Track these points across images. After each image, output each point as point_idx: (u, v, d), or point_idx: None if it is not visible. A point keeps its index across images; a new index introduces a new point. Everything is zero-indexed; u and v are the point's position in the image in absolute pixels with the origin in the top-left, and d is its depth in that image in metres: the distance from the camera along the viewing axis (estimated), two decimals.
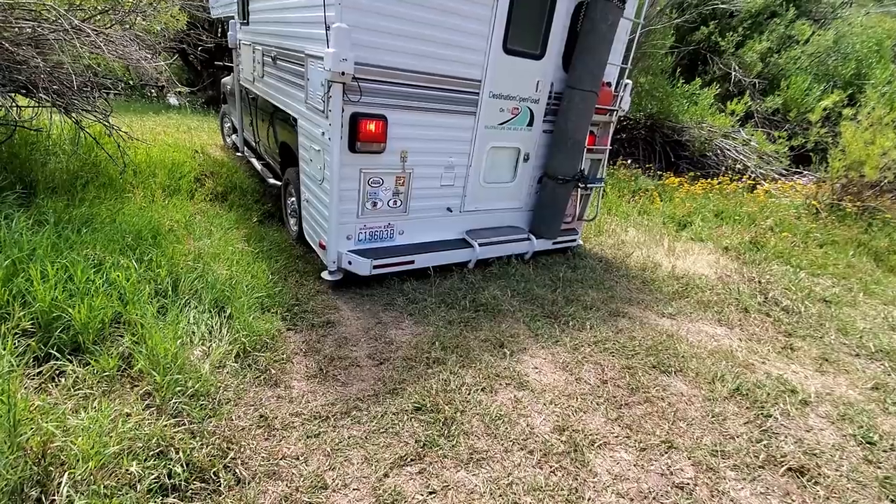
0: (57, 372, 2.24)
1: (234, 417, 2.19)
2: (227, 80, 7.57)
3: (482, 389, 2.59)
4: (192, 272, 3.08)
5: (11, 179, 4.43)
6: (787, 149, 8.66)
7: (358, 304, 3.47)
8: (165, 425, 1.97)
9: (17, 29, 3.38)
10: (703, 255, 5.14)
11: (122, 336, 2.45)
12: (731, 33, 9.85)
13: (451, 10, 3.15)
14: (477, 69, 3.47)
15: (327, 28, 2.79)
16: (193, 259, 3.26)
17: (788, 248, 5.46)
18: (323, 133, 3.21)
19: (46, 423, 1.79)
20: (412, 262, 3.65)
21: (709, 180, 7.69)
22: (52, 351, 2.26)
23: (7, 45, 3.38)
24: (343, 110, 3.02)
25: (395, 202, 3.57)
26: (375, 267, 3.45)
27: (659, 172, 8.30)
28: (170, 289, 2.92)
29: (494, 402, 2.50)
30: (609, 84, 4.10)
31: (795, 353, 3.44)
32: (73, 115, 4.55)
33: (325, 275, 3.60)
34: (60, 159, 5.18)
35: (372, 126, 3.13)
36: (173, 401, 2.09)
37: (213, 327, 2.75)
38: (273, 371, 2.54)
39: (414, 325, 3.20)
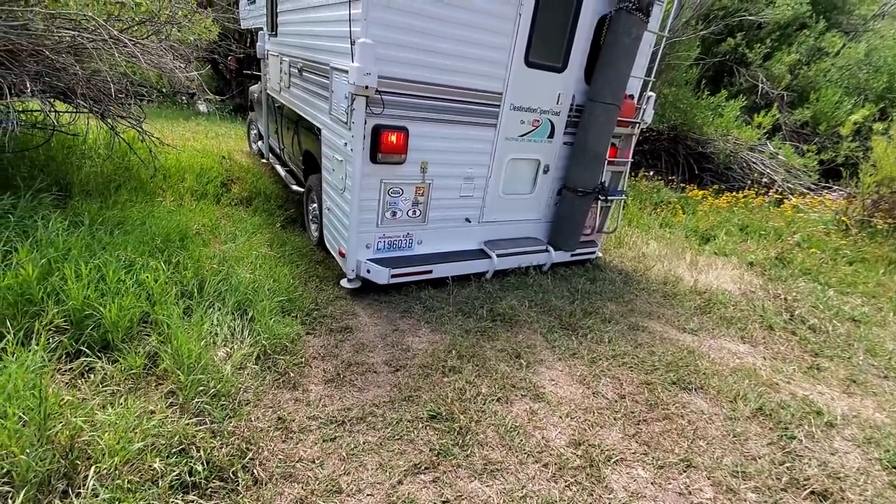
0: (87, 368, 2.32)
1: (253, 419, 2.24)
2: (254, 88, 7.80)
3: (497, 400, 2.59)
4: (217, 275, 3.16)
5: (48, 182, 4.63)
6: (816, 163, 8.44)
7: (376, 310, 3.50)
8: (188, 424, 2.03)
9: (57, 37, 3.55)
10: (726, 270, 5.04)
11: (149, 335, 2.53)
12: (758, 45, 9.69)
13: (473, 24, 3.20)
14: (498, 82, 3.50)
15: (352, 43, 2.86)
16: (218, 262, 3.35)
17: (816, 264, 5.30)
18: (345, 144, 3.28)
19: (75, 417, 1.86)
20: (430, 271, 3.70)
21: (734, 193, 7.55)
22: (82, 348, 2.35)
23: (48, 52, 3.55)
24: (366, 123, 3.09)
25: (414, 212, 3.61)
26: (393, 276, 3.51)
27: (682, 185, 8.18)
28: (195, 290, 3.01)
29: (510, 413, 2.49)
30: (632, 97, 4.08)
31: (822, 374, 3.33)
32: (109, 120, 4.73)
33: (343, 282, 3.66)
34: (95, 163, 5.39)
35: (393, 138, 3.19)
36: (195, 400, 2.14)
37: (235, 329, 2.81)
38: (292, 374, 2.59)
39: (431, 333, 3.22)
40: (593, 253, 4.68)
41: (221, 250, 3.50)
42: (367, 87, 2.90)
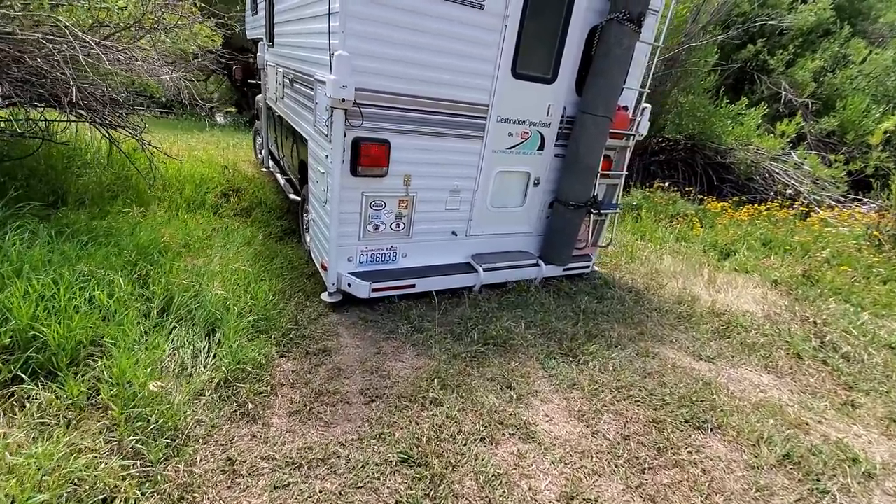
0: (25, 397, 2.10)
1: (198, 459, 1.97)
2: (259, 98, 7.77)
3: (481, 439, 2.28)
4: (187, 291, 2.94)
5: (45, 190, 4.51)
6: (844, 173, 7.96)
7: (360, 330, 3.24)
8: (118, 466, 1.78)
9: (40, 44, 3.43)
10: (748, 289, 4.64)
11: (97, 360, 2.30)
12: (780, 51, 9.28)
13: (456, 35, 3.06)
14: (484, 94, 3.35)
15: (331, 55, 2.75)
16: (191, 276, 3.13)
17: (848, 283, 4.86)
18: (326, 156, 3.13)
19: None
20: (413, 285, 3.52)
21: (755, 206, 7.12)
22: (19, 373, 2.13)
23: (27, 58, 3.43)
24: (345, 135, 2.96)
25: (397, 225, 3.46)
26: (374, 290, 3.34)
27: (700, 196, 7.78)
28: (160, 308, 2.79)
29: (494, 457, 2.18)
30: (626, 108, 3.91)
31: (857, 412, 2.93)
32: (104, 129, 4.62)
33: (324, 296, 3.44)
34: (95, 172, 5.30)
35: (374, 150, 3.07)
36: (131, 438, 1.89)
37: (199, 351, 2.58)
38: (251, 405, 2.32)
39: (415, 357, 2.93)
40: (587, 267, 4.47)
41: (195, 265, 3.27)
42: (343, 101, 2.79)
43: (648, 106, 4.01)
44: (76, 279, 2.65)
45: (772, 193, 7.70)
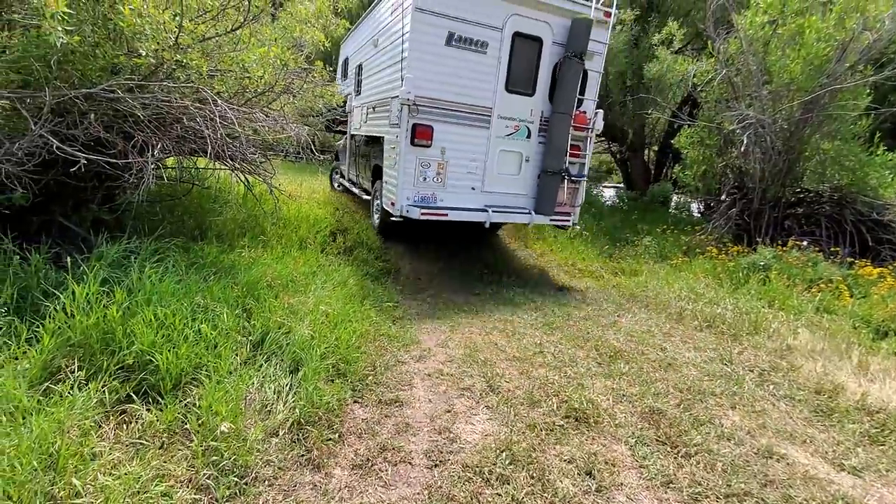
0: (135, 415, 2.36)
1: (261, 502, 2.01)
2: (338, 143, 10.43)
3: None
4: (279, 328, 3.15)
5: (191, 226, 5.27)
6: None
7: (434, 382, 3.17)
8: (189, 499, 1.88)
9: (194, 108, 4.14)
10: None
11: (196, 386, 2.52)
12: None
13: (471, 67, 5.15)
14: (489, 101, 5.37)
15: (402, 79, 4.95)
16: (286, 314, 3.36)
17: None
18: (397, 136, 5.18)
19: (74, 477, 1.81)
20: (446, 214, 5.35)
21: None
22: (131, 393, 2.40)
23: (190, 121, 4.13)
24: (408, 121, 5.01)
25: (437, 179, 5.36)
26: (422, 214, 5.18)
27: (849, 259, 6.53)
28: (256, 342, 3.02)
29: None
30: (584, 112, 5.79)
31: None
32: (244, 176, 5.30)
33: (391, 211, 5.45)
34: (233, 211, 6.12)
35: (424, 130, 5.08)
36: (205, 472, 2.00)
37: (282, 389, 2.70)
38: (318, 452, 2.34)
39: (487, 421, 2.76)
40: (568, 221, 6.10)
41: (290, 304, 3.51)
42: (408, 100, 4.89)
43: (601, 111, 5.93)
44: (192, 310, 2.98)
45: None
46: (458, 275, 6.19)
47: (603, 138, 13.97)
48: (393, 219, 5.47)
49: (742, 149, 6.96)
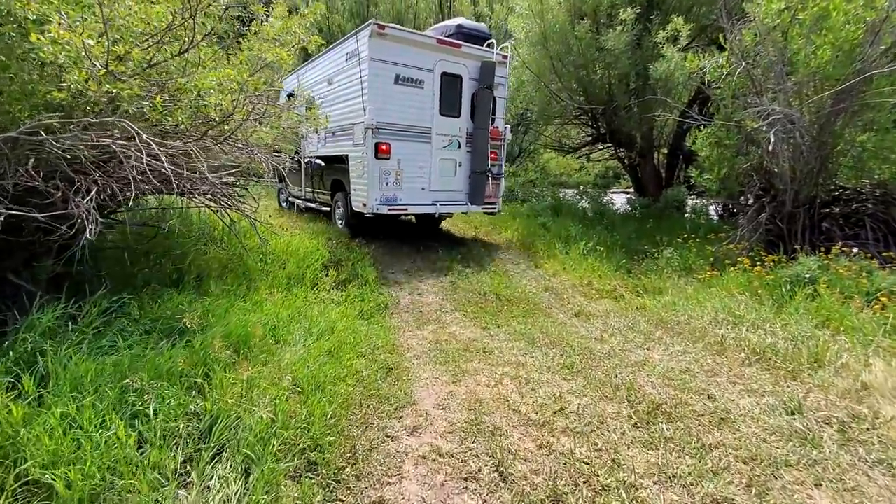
0: None
1: None
2: (283, 167, 11.02)
3: None
4: (231, 412, 2.53)
5: (169, 269, 4.68)
6: None
7: (430, 469, 2.52)
8: None
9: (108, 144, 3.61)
10: None
11: None
12: None
13: (414, 99, 6.96)
14: (429, 122, 7.21)
15: (364, 110, 6.67)
16: (244, 391, 2.74)
17: None
18: (363, 153, 6.76)
19: None
20: (406, 209, 7.27)
21: None
22: None
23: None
24: (372, 140, 6.62)
25: (396, 183, 6.97)
26: (389, 210, 6.89)
27: None
28: (205, 429, 2.40)
29: None
30: (497, 127, 7.75)
31: None
32: (224, 211, 4.74)
33: (363, 211, 7.08)
34: (214, 251, 5.57)
35: (384, 147, 6.70)
36: None
37: (228, 500, 2.07)
38: None
39: None
40: (495, 208, 8.17)
41: (248, 376, 2.87)
42: (372, 125, 6.56)
43: (508, 126, 8.22)
44: (119, 398, 2.37)
45: None
46: (463, 306, 5.55)
47: (609, 144, 13.34)
48: (366, 216, 7.03)
49: (770, 147, 6.26)
